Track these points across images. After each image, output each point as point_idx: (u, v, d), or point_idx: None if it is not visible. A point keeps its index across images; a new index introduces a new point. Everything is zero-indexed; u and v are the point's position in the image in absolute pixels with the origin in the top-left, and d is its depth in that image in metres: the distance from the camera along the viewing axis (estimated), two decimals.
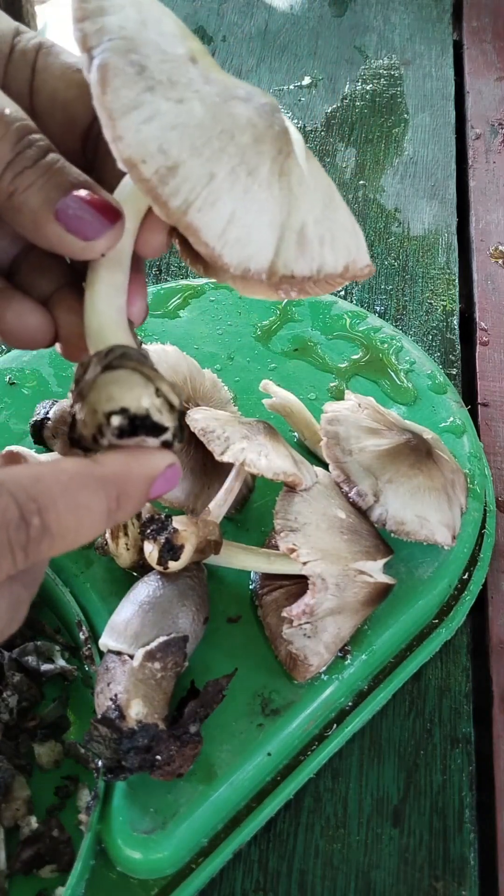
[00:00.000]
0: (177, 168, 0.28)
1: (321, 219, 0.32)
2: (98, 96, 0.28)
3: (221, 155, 0.29)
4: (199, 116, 0.29)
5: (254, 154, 0.30)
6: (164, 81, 0.29)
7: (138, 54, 0.29)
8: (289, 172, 0.31)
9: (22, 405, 0.60)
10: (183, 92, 0.29)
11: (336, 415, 0.53)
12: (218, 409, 0.55)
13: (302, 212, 0.31)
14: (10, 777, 0.45)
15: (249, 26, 1.02)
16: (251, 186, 0.30)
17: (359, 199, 0.82)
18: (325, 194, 0.33)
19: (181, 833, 0.43)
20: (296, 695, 0.47)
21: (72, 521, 0.29)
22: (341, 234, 0.33)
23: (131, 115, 0.28)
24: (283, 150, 0.31)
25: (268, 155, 0.31)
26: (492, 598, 0.54)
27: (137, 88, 0.28)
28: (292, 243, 0.31)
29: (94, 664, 0.47)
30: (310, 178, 0.32)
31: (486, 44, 0.99)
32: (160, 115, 0.28)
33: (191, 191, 0.29)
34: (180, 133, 0.29)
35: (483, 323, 0.71)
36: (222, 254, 0.29)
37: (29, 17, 1.46)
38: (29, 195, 0.31)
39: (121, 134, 0.28)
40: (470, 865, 0.45)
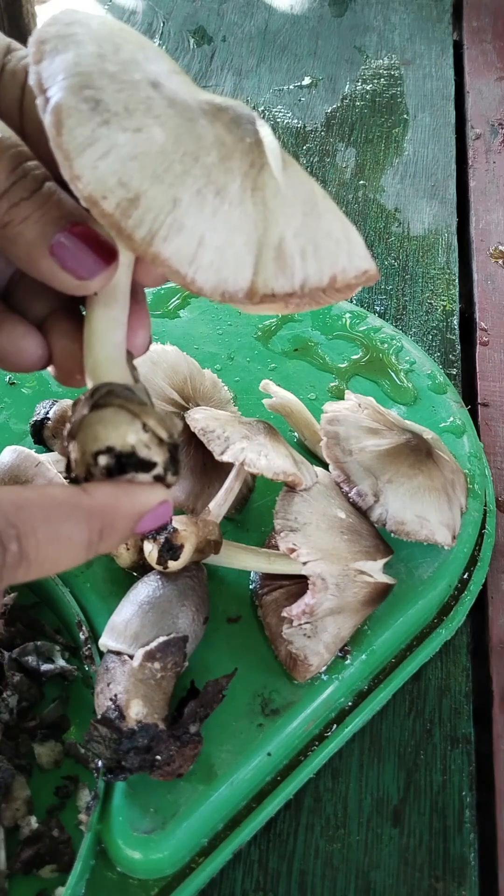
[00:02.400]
0: (138, 199, 0.28)
1: (301, 230, 0.31)
2: (53, 139, 0.28)
3: (185, 178, 0.28)
4: (159, 142, 0.28)
5: (221, 172, 0.29)
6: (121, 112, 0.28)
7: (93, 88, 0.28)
8: (263, 186, 0.30)
9: (22, 405, 0.60)
10: (141, 119, 0.28)
11: (336, 415, 0.53)
12: (218, 409, 0.55)
13: (279, 226, 0.30)
14: (10, 777, 0.45)
15: (249, 26, 1.02)
16: (220, 206, 0.29)
17: (359, 199, 0.82)
18: (307, 203, 0.31)
19: (181, 833, 0.43)
20: (296, 695, 0.47)
21: (51, 550, 0.29)
22: (326, 243, 0.31)
23: (87, 153, 0.27)
24: (256, 163, 0.30)
25: (237, 171, 0.30)
26: (492, 598, 0.54)
27: (92, 124, 0.28)
28: (270, 260, 0.30)
29: (94, 664, 0.47)
30: (287, 189, 0.31)
31: (486, 44, 0.99)
32: (117, 148, 0.28)
33: (154, 220, 0.28)
34: (140, 163, 0.28)
35: (483, 323, 0.71)
36: (195, 279, 0.28)
37: (29, 17, 1.46)
38: (24, 228, 0.30)
39: (78, 173, 0.27)
40: (470, 865, 0.45)
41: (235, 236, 0.29)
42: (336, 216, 0.33)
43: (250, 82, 0.95)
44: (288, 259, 0.30)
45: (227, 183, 0.29)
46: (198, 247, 0.28)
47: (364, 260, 0.32)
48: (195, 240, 0.28)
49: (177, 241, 0.28)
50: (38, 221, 0.30)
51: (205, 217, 0.29)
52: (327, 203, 0.33)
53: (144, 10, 1.04)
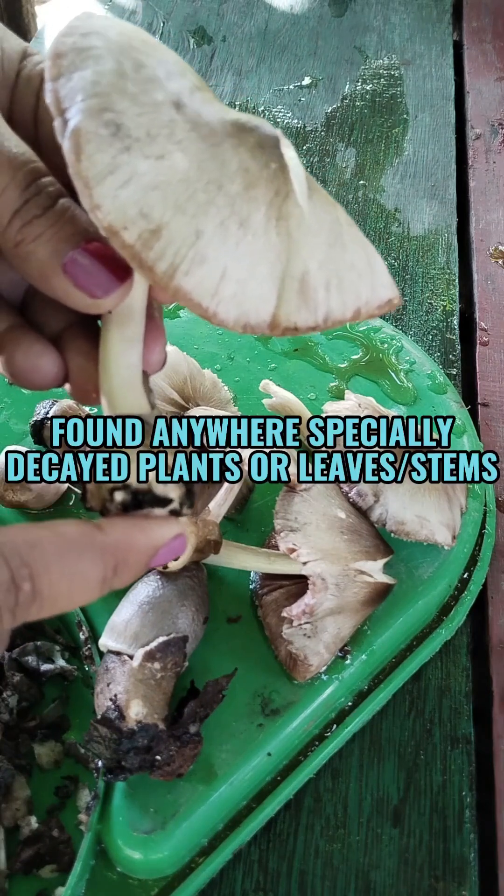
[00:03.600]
0: (160, 230, 0.27)
1: (325, 262, 0.30)
2: (73, 165, 0.27)
3: (209, 208, 0.28)
4: (182, 170, 0.27)
5: (245, 202, 0.28)
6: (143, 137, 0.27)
7: (113, 112, 0.27)
8: (287, 216, 0.29)
9: (22, 405, 0.60)
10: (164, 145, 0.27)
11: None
12: (218, 409, 0.55)
13: (303, 257, 0.29)
14: (10, 777, 0.45)
15: (249, 26, 1.02)
16: (244, 237, 0.28)
17: (359, 199, 0.82)
18: (332, 232, 0.30)
19: (181, 833, 0.43)
20: (296, 695, 0.47)
21: (64, 588, 0.29)
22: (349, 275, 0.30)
23: (107, 181, 0.27)
24: (281, 191, 0.29)
25: (262, 200, 0.29)
26: (492, 598, 0.54)
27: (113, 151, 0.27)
28: (294, 293, 0.29)
29: (93, 664, 0.47)
30: (312, 218, 0.30)
31: (486, 44, 0.99)
32: (138, 177, 0.27)
33: (176, 253, 0.27)
34: (162, 192, 0.27)
35: (483, 323, 0.71)
36: (217, 312, 0.28)
37: (29, 17, 1.46)
38: (37, 246, 0.30)
39: (98, 202, 0.26)
40: (470, 865, 0.45)
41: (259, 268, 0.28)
42: (360, 244, 0.32)
43: (250, 82, 0.95)
44: (311, 292, 0.29)
45: (251, 213, 0.28)
46: (220, 280, 0.28)
47: (387, 289, 0.32)
48: (218, 273, 0.28)
49: (199, 274, 0.27)
50: (50, 239, 0.30)
51: (228, 249, 0.28)
52: (352, 231, 0.32)
53: (144, 9, 1.04)
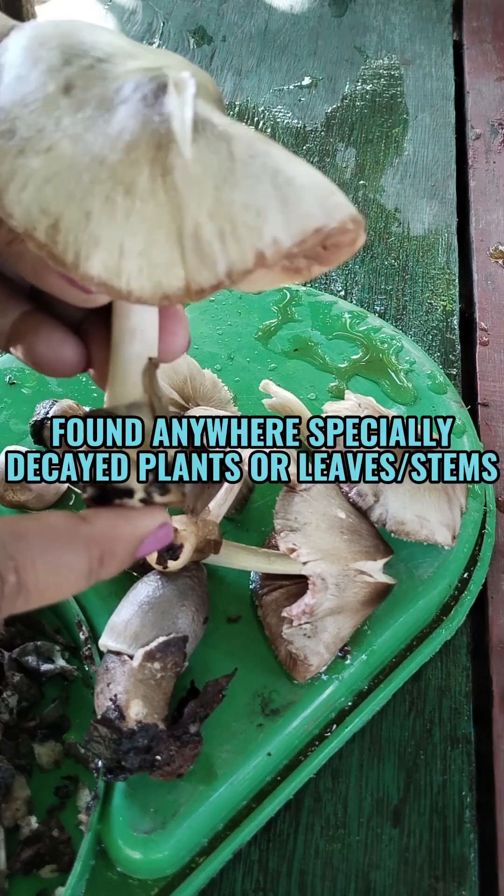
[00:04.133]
0: (58, 223, 0.26)
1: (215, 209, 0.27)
2: None
3: (93, 187, 0.26)
4: (68, 157, 0.27)
5: (127, 167, 0.27)
6: (33, 136, 0.27)
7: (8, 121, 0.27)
8: (171, 168, 0.27)
9: (22, 405, 0.60)
10: (50, 136, 0.27)
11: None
12: (218, 409, 0.55)
13: (192, 210, 0.27)
14: (10, 777, 0.45)
15: (249, 26, 1.02)
16: (133, 206, 0.26)
17: (359, 199, 0.82)
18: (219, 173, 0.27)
19: (181, 833, 0.43)
20: (296, 695, 0.47)
21: (50, 580, 0.29)
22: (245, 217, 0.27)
23: (10, 188, 0.26)
24: (163, 144, 0.27)
25: (144, 160, 0.27)
26: (492, 598, 0.54)
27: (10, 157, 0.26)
28: (192, 252, 0.27)
29: (94, 664, 0.47)
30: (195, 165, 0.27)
31: (486, 44, 0.99)
32: (33, 176, 0.26)
33: (74, 241, 0.26)
34: (54, 185, 0.26)
35: (483, 323, 0.71)
36: (131, 290, 0.26)
37: (29, 18, 1.46)
38: None
39: (9, 211, 0.26)
40: (470, 865, 0.45)
41: (155, 233, 0.26)
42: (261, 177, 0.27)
43: (250, 82, 0.95)
44: (206, 247, 0.27)
45: (135, 177, 0.27)
46: (119, 256, 0.26)
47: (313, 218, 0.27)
48: (115, 250, 0.26)
49: (97, 256, 0.26)
50: None
51: (118, 223, 0.26)
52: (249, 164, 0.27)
53: (144, 9, 1.04)
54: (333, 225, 0.27)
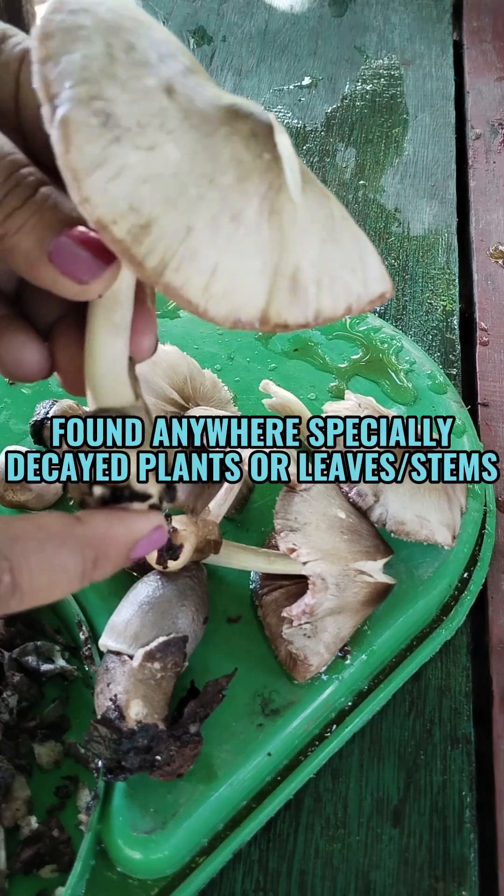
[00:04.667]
0: (150, 226, 0.26)
1: (318, 259, 0.29)
2: (61, 156, 0.26)
3: (199, 203, 0.27)
4: (173, 162, 0.27)
5: (238, 195, 0.28)
6: (133, 127, 0.26)
7: (103, 100, 0.26)
8: (280, 210, 0.28)
9: (22, 405, 0.60)
10: (155, 136, 0.27)
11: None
12: (218, 409, 0.55)
13: (295, 254, 0.29)
14: (10, 777, 0.45)
15: (249, 26, 1.02)
16: (235, 233, 0.27)
17: (359, 199, 0.82)
18: (325, 228, 0.30)
19: (181, 833, 0.43)
20: (296, 695, 0.47)
21: (44, 580, 0.29)
22: (342, 273, 0.30)
23: (97, 174, 0.26)
24: (274, 184, 0.28)
25: (255, 193, 0.28)
26: (492, 598, 0.54)
27: (103, 142, 0.26)
28: (285, 290, 0.28)
29: (94, 664, 0.47)
30: (305, 213, 0.29)
31: (486, 44, 0.99)
32: (129, 169, 0.26)
33: (166, 249, 0.26)
34: (152, 186, 0.26)
35: (483, 323, 0.71)
36: (207, 308, 0.27)
37: (29, 18, 1.46)
38: (21, 238, 0.29)
39: (87, 195, 0.26)
40: (470, 865, 0.45)
41: (250, 263, 0.28)
42: (353, 238, 0.31)
43: (250, 82, 0.95)
44: (302, 290, 0.29)
45: (243, 207, 0.28)
46: (211, 276, 0.27)
47: (379, 283, 0.31)
48: (209, 269, 0.27)
49: (189, 270, 0.27)
50: (33, 229, 0.29)
51: (219, 244, 0.27)
52: (346, 224, 0.31)
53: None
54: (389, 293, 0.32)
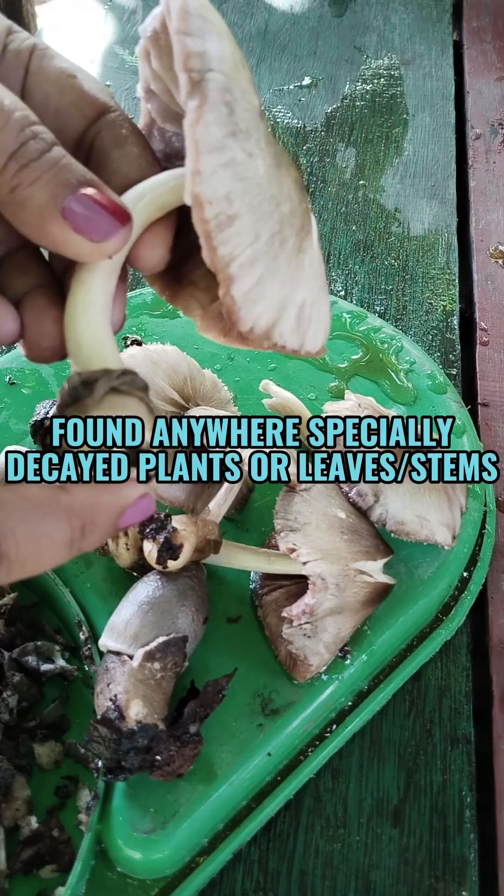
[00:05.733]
0: (234, 219, 0.29)
1: (315, 301, 0.33)
2: (191, 123, 0.28)
3: (269, 219, 0.30)
4: (260, 175, 0.30)
5: (288, 225, 0.31)
6: (244, 131, 0.30)
7: (231, 95, 0.29)
8: (305, 250, 0.32)
9: (22, 405, 0.60)
10: (254, 147, 0.30)
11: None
12: (218, 409, 0.55)
13: (304, 290, 0.33)
14: (10, 777, 0.45)
15: (249, 26, 1.02)
16: (279, 255, 0.31)
17: (359, 199, 0.82)
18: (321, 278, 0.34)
19: (181, 833, 0.43)
20: (296, 695, 0.47)
21: (31, 549, 0.29)
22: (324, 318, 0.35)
23: (213, 155, 0.29)
24: (305, 227, 0.32)
25: (295, 229, 0.32)
26: (492, 598, 0.54)
27: (225, 130, 0.29)
28: (292, 317, 0.32)
29: (94, 664, 0.47)
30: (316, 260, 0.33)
31: (486, 44, 0.99)
32: (235, 164, 0.29)
33: (237, 244, 0.30)
34: (245, 186, 0.29)
35: (483, 323, 0.71)
36: (241, 308, 0.30)
37: (29, 18, 1.46)
38: (34, 190, 0.29)
39: (200, 169, 0.28)
40: (470, 865, 0.45)
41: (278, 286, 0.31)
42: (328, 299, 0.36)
43: None
44: (304, 322, 0.33)
45: (288, 237, 0.31)
46: (255, 284, 0.30)
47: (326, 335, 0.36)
48: (257, 276, 0.30)
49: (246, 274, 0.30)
50: (48, 183, 0.29)
51: (269, 260, 0.31)
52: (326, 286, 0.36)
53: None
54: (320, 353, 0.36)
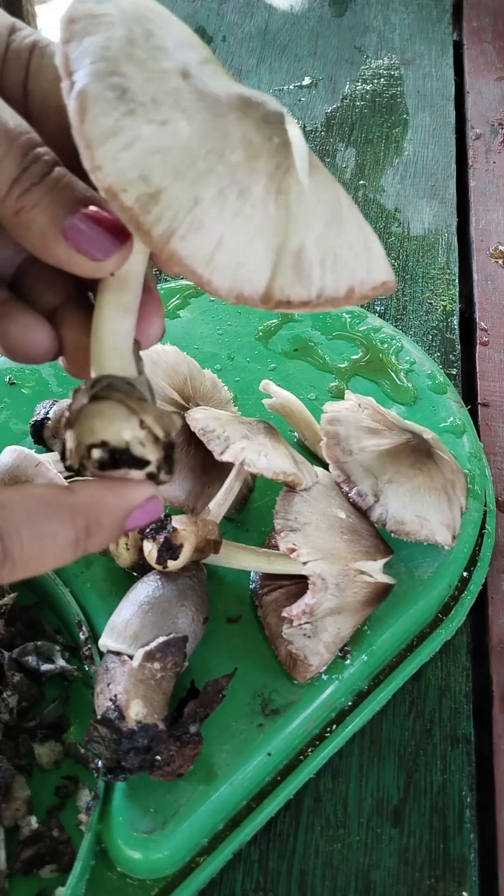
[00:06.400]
0: (159, 195, 0.27)
1: (322, 239, 0.30)
2: (76, 126, 0.27)
3: (208, 176, 0.28)
4: (184, 137, 0.28)
5: (246, 173, 0.29)
6: (147, 103, 0.28)
7: (120, 76, 0.28)
8: (287, 190, 0.29)
9: (22, 405, 0.60)
10: (168, 112, 0.28)
11: (336, 415, 0.53)
12: (218, 409, 0.55)
13: (300, 232, 0.29)
14: (10, 777, 0.45)
15: (249, 26, 1.02)
16: (242, 208, 0.28)
17: (359, 199, 0.82)
18: (331, 210, 0.31)
19: (181, 833, 0.43)
20: (296, 695, 0.47)
21: (35, 549, 0.29)
22: (345, 254, 0.31)
23: (109, 143, 0.27)
24: (282, 165, 0.29)
25: (263, 172, 0.29)
26: (492, 598, 0.54)
27: (117, 114, 0.27)
28: (289, 267, 0.29)
29: (94, 664, 0.47)
30: (311, 195, 0.30)
31: (486, 44, 0.99)
32: (141, 140, 0.27)
33: (173, 217, 0.27)
34: (163, 157, 0.27)
35: (483, 323, 0.71)
36: (211, 279, 0.28)
37: (29, 17, 1.46)
38: (36, 214, 0.30)
39: (99, 163, 0.27)
40: (470, 865, 0.45)
41: (255, 239, 0.29)
42: (358, 225, 0.32)
43: (250, 82, 0.95)
44: (306, 268, 0.30)
45: (251, 184, 0.29)
46: (216, 248, 0.28)
47: (383, 271, 0.32)
48: (214, 240, 0.28)
49: (195, 240, 0.28)
50: (49, 206, 0.30)
51: (225, 218, 0.28)
52: (352, 211, 0.32)
53: None
54: (391, 283, 0.32)
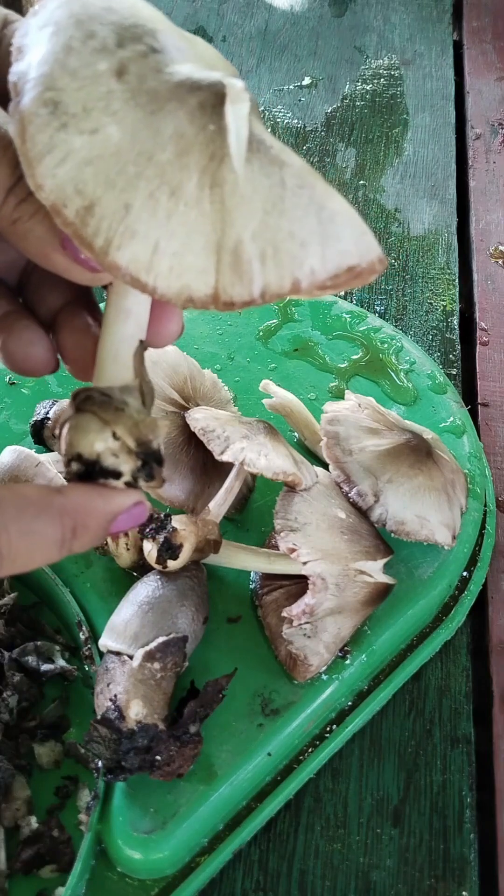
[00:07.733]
0: (93, 207, 0.27)
1: (260, 232, 0.28)
2: (19, 147, 0.27)
3: (137, 181, 0.27)
4: (114, 143, 0.27)
5: (176, 170, 0.27)
6: (79, 112, 0.27)
7: (54, 90, 0.27)
8: (222, 182, 0.27)
9: (22, 405, 0.60)
10: (98, 118, 0.27)
11: (336, 415, 0.53)
12: (218, 409, 0.55)
13: (236, 227, 0.27)
14: (10, 777, 0.45)
15: (249, 26, 1.02)
16: (175, 209, 0.27)
17: (359, 199, 0.82)
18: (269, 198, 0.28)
19: (181, 833, 0.43)
20: (296, 695, 0.47)
21: (22, 547, 0.30)
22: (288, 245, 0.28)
23: (45, 160, 0.27)
24: (216, 154, 0.27)
25: (195, 167, 0.27)
26: (492, 598, 0.54)
27: (50, 130, 0.27)
28: (227, 266, 0.27)
29: (94, 664, 0.47)
30: (246, 184, 0.28)
31: (486, 44, 0.99)
32: (74, 153, 0.27)
33: (108, 228, 0.27)
34: (94, 167, 0.27)
35: (483, 323, 0.71)
36: (156, 286, 0.27)
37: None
38: (34, 224, 0.30)
39: (40, 182, 0.27)
40: (470, 865, 0.45)
41: (192, 240, 0.27)
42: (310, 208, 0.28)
43: (250, 82, 0.95)
44: (245, 265, 0.27)
45: (182, 181, 0.27)
46: (153, 254, 0.27)
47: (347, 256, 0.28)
48: (150, 247, 0.27)
49: (130, 248, 0.27)
50: (46, 216, 0.30)
51: (158, 222, 0.27)
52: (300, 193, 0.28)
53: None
54: (364, 266, 0.29)
